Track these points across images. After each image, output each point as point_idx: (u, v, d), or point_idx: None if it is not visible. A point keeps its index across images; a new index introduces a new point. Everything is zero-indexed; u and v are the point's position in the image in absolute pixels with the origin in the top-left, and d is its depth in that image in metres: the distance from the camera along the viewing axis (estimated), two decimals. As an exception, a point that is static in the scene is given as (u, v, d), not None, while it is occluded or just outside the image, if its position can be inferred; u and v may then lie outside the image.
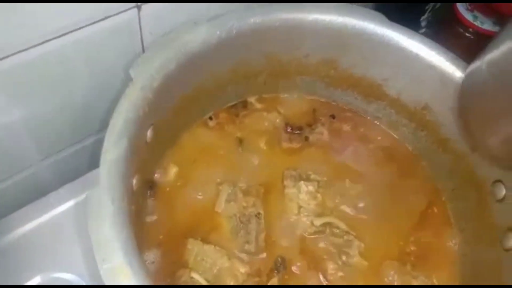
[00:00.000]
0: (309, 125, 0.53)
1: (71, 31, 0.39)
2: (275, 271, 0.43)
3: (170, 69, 0.39)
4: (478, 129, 0.36)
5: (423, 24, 0.63)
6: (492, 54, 0.32)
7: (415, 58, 0.44)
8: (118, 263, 0.29)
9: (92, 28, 0.41)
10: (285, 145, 0.51)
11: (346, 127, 0.54)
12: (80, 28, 0.40)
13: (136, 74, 0.37)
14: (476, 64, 0.34)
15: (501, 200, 0.42)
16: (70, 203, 0.46)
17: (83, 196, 0.44)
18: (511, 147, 0.34)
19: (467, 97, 0.36)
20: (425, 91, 0.47)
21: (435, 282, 0.45)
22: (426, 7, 0.61)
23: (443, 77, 0.44)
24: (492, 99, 0.34)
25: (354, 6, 0.46)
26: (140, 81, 0.37)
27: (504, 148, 0.35)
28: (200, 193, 0.46)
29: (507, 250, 0.40)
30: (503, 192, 0.42)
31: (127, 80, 0.37)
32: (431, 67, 0.44)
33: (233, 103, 0.52)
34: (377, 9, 0.61)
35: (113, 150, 0.33)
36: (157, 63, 0.38)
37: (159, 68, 0.38)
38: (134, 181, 0.37)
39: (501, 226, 0.42)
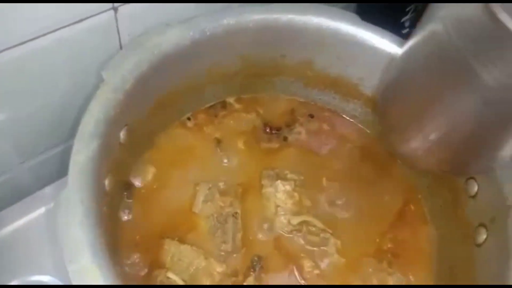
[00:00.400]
0: (288, 125, 0.53)
1: (48, 33, 0.39)
2: (252, 270, 0.43)
3: (142, 71, 0.39)
4: (393, 131, 0.36)
5: (406, 24, 0.63)
6: (403, 53, 0.33)
7: (388, 58, 0.45)
8: (86, 263, 0.29)
9: (70, 29, 0.41)
10: (264, 145, 0.52)
11: (325, 127, 0.54)
12: (57, 29, 0.40)
13: (107, 75, 0.37)
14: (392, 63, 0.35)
15: (474, 196, 0.43)
16: (48, 206, 0.46)
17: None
18: (424, 152, 0.34)
19: (384, 95, 0.37)
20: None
21: (411, 279, 0.45)
22: (408, 8, 0.62)
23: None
24: (403, 95, 0.34)
25: (328, 6, 0.46)
26: (112, 82, 0.37)
27: (417, 153, 0.35)
28: (177, 194, 0.46)
29: (478, 245, 0.41)
30: (475, 188, 0.43)
31: (99, 82, 0.37)
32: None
33: (211, 104, 0.52)
34: (359, 10, 0.62)
35: (83, 151, 0.33)
36: (129, 64, 0.38)
37: (131, 69, 0.38)
38: (107, 182, 0.37)
39: (473, 222, 0.42)
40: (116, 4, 0.42)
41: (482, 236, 0.41)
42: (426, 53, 0.30)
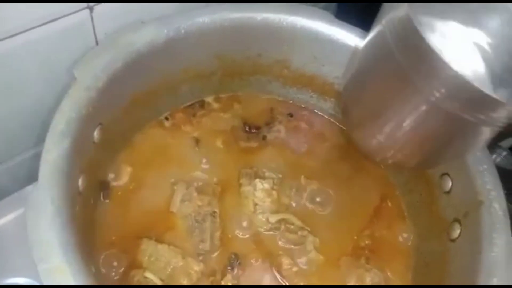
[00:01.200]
0: (267, 124, 0.54)
1: (20, 33, 0.39)
2: (229, 268, 0.43)
3: (116, 68, 0.39)
4: (353, 123, 0.37)
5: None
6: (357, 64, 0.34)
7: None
8: (56, 262, 0.29)
9: (43, 29, 0.40)
10: (243, 144, 0.52)
11: (303, 125, 0.54)
12: (29, 29, 0.39)
13: (79, 73, 0.37)
14: (349, 74, 0.36)
15: (448, 192, 0.43)
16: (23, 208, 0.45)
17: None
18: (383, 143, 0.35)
19: (347, 101, 0.38)
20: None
21: (389, 275, 0.46)
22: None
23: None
24: (359, 92, 0.35)
25: (303, 5, 0.47)
26: (84, 80, 0.36)
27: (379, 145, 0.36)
28: (154, 194, 0.46)
29: (453, 240, 0.41)
30: (449, 184, 0.43)
31: (71, 79, 0.37)
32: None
33: (189, 103, 0.52)
34: (339, 10, 0.63)
35: (54, 150, 0.33)
36: (102, 62, 0.38)
37: (104, 67, 0.38)
38: (80, 181, 0.37)
39: (448, 218, 0.43)
40: (91, 4, 0.42)
41: (456, 231, 0.41)
42: (375, 55, 0.31)
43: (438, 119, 0.29)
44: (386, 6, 0.32)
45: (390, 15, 0.28)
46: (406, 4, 0.27)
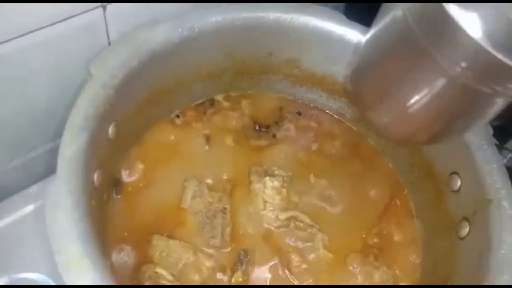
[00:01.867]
0: (276, 123, 0.54)
1: (33, 31, 0.39)
2: (239, 264, 0.43)
3: (131, 67, 0.39)
4: (366, 105, 0.38)
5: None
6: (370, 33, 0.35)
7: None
8: (75, 253, 0.29)
9: (56, 28, 0.41)
10: (253, 142, 0.52)
11: (312, 124, 0.55)
12: (41, 28, 0.40)
13: (96, 70, 0.37)
14: (359, 55, 0.37)
15: (457, 191, 0.44)
16: (37, 203, 0.46)
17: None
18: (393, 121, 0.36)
19: (356, 75, 0.38)
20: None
21: (397, 272, 0.46)
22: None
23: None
24: (372, 76, 0.36)
25: (315, 5, 0.47)
26: (101, 77, 0.37)
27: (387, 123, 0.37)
28: (166, 190, 0.47)
29: (462, 238, 0.42)
30: (458, 183, 0.44)
31: (87, 77, 0.37)
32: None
33: (200, 101, 0.53)
34: (347, 11, 0.63)
35: (72, 144, 0.33)
36: (118, 60, 0.38)
37: (120, 65, 0.38)
38: (96, 176, 0.37)
39: (456, 216, 0.43)
40: (104, 3, 0.42)
41: (465, 229, 0.42)
42: (391, 36, 0.31)
43: (455, 92, 0.29)
44: (384, 6, 0.32)
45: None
46: None
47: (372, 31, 0.34)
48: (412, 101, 0.31)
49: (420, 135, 0.37)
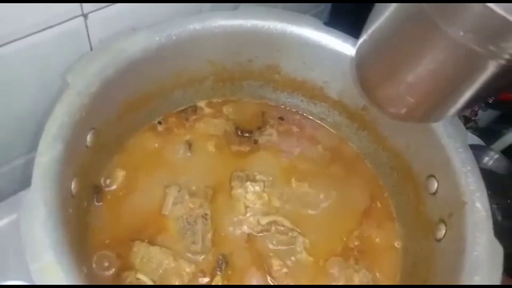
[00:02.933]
0: (259, 128, 0.55)
1: (15, 40, 0.40)
2: (218, 269, 0.44)
3: (108, 74, 0.40)
4: (372, 90, 0.39)
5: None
6: (371, 26, 0.36)
7: (350, 61, 0.47)
8: (47, 262, 0.30)
9: (38, 36, 0.41)
10: (234, 148, 0.53)
11: (294, 129, 0.56)
12: (24, 36, 0.40)
13: (72, 79, 0.38)
14: (362, 37, 0.38)
15: (434, 193, 0.44)
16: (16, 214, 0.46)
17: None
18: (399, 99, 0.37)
19: (360, 66, 0.40)
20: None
21: (377, 275, 0.47)
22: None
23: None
24: (376, 63, 0.37)
25: (291, 12, 0.48)
26: (77, 86, 0.37)
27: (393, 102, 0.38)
28: (147, 197, 0.47)
29: (438, 240, 0.42)
30: (435, 185, 0.44)
31: (63, 84, 0.38)
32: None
33: (182, 108, 0.53)
34: (331, 20, 0.64)
35: (47, 153, 0.34)
36: (95, 68, 0.39)
37: (97, 73, 0.39)
38: (73, 185, 0.38)
39: (434, 218, 0.44)
40: (86, 10, 0.43)
41: (442, 231, 0.42)
42: (397, 15, 0.33)
43: (460, 58, 0.31)
44: (377, 6, 0.33)
45: None
46: None
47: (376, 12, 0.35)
48: (418, 71, 0.33)
49: (421, 109, 0.37)
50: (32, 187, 0.32)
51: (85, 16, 0.43)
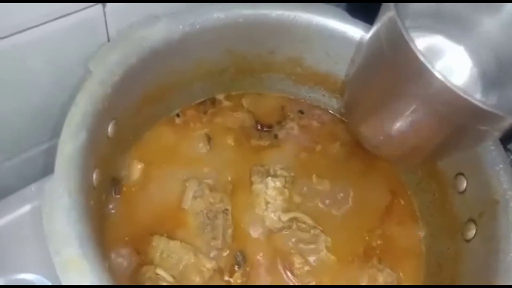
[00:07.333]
0: (279, 122, 0.53)
1: (30, 27, 0.38)
2: (236, 266, 0.42)
3: (130, 64, 0.39)
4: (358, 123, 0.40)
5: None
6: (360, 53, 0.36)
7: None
8: (73, 255, 0.28)
9: (54, 24, 0.40)
10: (254, 142, 0.52)
11: (315, 124, 0.54)
12: (40, 24, 0.39)
13: (95, 68, 0.36)
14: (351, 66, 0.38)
15: (463, 192, 0.43)
16: (34, 204, 0.45)
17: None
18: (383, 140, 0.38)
19: (349, 95, 0.39)
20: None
21: (401, 275, 0.46)
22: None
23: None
24: (362, 95, 0.38)
25: (317, 4, 0.47)
26: (99, 74, 0.36)
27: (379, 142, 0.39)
28: (166, 190, 0.46)
29: (467, 240, 0.41)
30: (464, 184, 0.43)
31: (86, 74, 0.36)
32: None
33: (201, 100, 0.52)
34: (349, 9, 0.62)
35: (71, 142, 0.33)
36: (117, 57, 0.38)
37: (119, 62, 0.38)
38: (95, 176, 0.37)
39: (462, 218, 0.43)
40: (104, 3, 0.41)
41: (472, 231, 0.41)
42: (372, 53, 0.34)
43: (431, 118, 0.31)
44: (384, 6, 0.32)
45: (384, 16, 0.29)
46: (392, 5, 0.29)
47: (365, 41, 0.36)
48: (393, 120, 0.33)
49: (408, 156, 0.39)
50: (56, 175, 0.31)
51: (103, 4, 0.42)
